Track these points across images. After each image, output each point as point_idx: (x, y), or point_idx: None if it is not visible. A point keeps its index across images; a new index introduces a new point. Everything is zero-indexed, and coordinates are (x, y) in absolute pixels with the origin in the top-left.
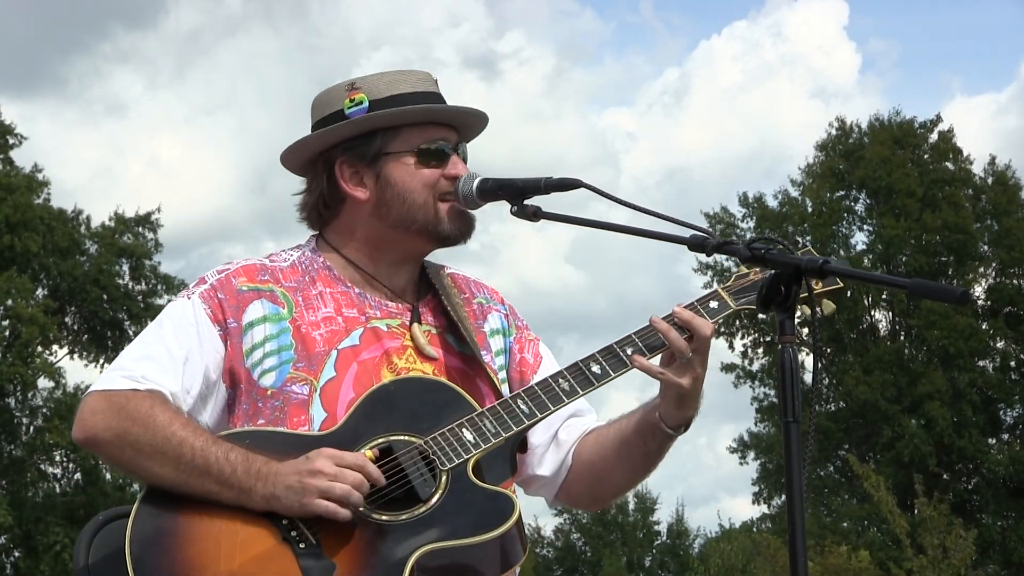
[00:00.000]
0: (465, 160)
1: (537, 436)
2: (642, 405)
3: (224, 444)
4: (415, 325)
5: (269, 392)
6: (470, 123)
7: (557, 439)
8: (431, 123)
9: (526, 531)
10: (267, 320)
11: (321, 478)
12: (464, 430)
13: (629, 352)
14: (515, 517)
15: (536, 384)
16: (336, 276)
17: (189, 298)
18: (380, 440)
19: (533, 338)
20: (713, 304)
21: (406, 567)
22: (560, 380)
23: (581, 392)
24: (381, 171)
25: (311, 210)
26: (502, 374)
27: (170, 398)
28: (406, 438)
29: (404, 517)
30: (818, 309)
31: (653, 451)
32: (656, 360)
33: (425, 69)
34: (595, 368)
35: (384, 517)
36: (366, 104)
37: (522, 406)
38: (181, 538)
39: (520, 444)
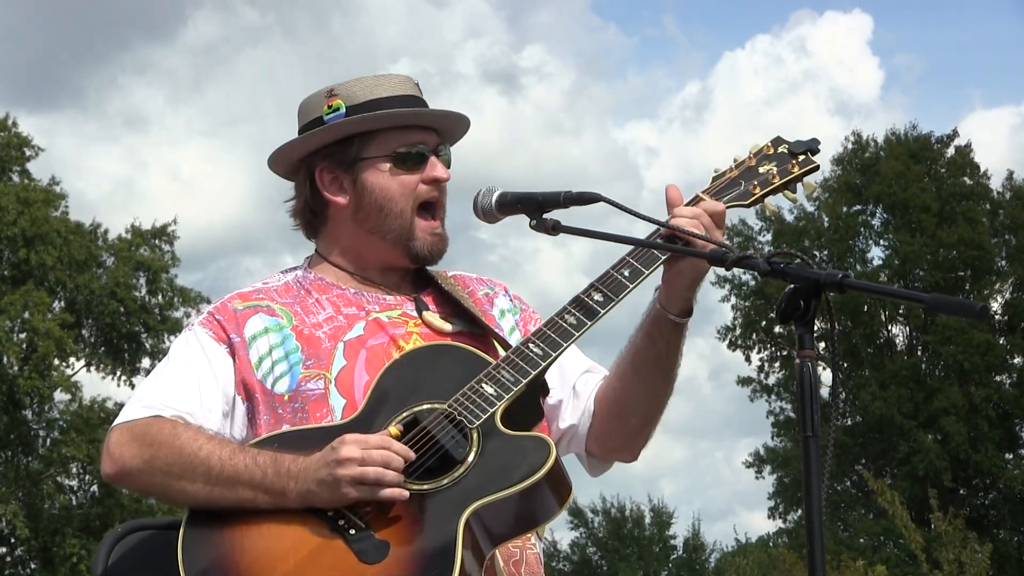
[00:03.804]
0: (448, 163)
1: (555, 394)
2: (644, 314)
3: (251, 450)
4: (424, 312)
5: (286, 397)
6: (451, 126)
7: (575, 391)
8: (408, 127)
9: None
10: (269, 331)
11: (350, 465)
12: (484, 385)
13: (627, 274)
14: (554, 455)
15: (544, 324)
16: (329, 283)
17: (191, 329)
18: (404, 413)
19: (539, 317)
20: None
21: (459, 529)
22: (566, 315)
23: (589, 322)
24: (358, 177)
25: (300, 217)
26: None
27: (191, 419)
28: (429, 406)
29: (446, 482)
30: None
31: (663, 350)
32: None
33: (445, 83)
34: (597, 296)
35: (426, 486)
36: (343, 110)
37: (534, 349)
38: (233, 552)
39: (542, 387)
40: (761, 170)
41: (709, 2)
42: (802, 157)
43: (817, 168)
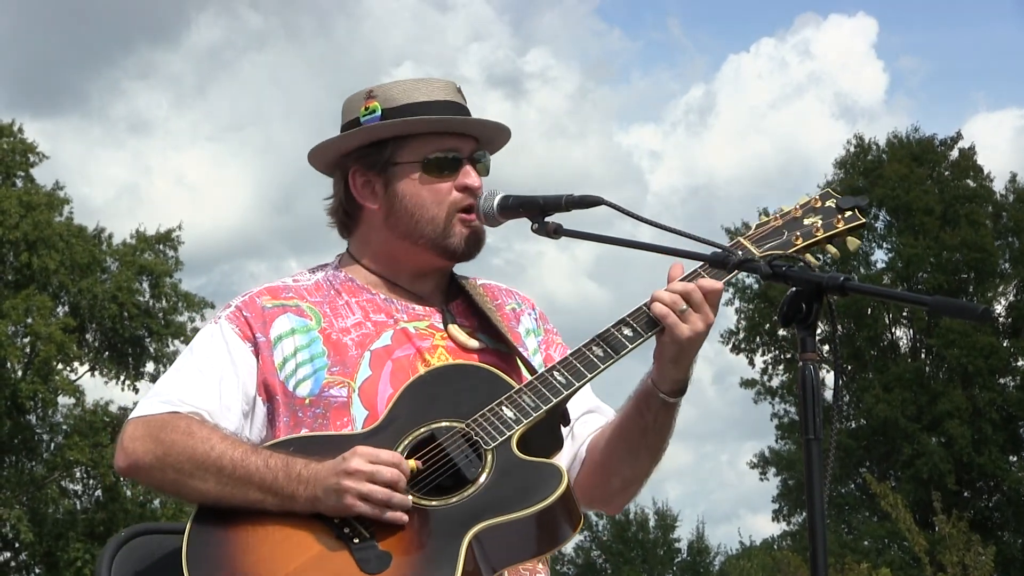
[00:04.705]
0: (485, 171)
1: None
2: (639, 383)
3: (264, 452)
4: (451, 326)
5: (308, 401)
6: (490, 133)
7: (573, 433)
8: (444, 133)
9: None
10: (295, 332)
11: (359, 478)
12: (504, 408)
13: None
14: (565, 483)
15: (570, 354)
16: (360, 286)
17: (217, 322)
18: (422, 430)
19: (560, 342)
20: (739, 254)
21: (462, 548)
22: (593, 347)
23: (615, 356)
24: (390, 182)
25: (335, 216)
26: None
27: (208, 417)
28: (447, 424)
29: (454, 500)
30: (836, 323)
31: (651, 424)
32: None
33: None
34: (626, 331)
35: (435, 503)
36: (379, 113)
37: (558, 377)
38: (237, 551)
39: (563, 416)
40: (806, 222)
41: (713, 5)
42: (848, 213)
43: (864, 226)
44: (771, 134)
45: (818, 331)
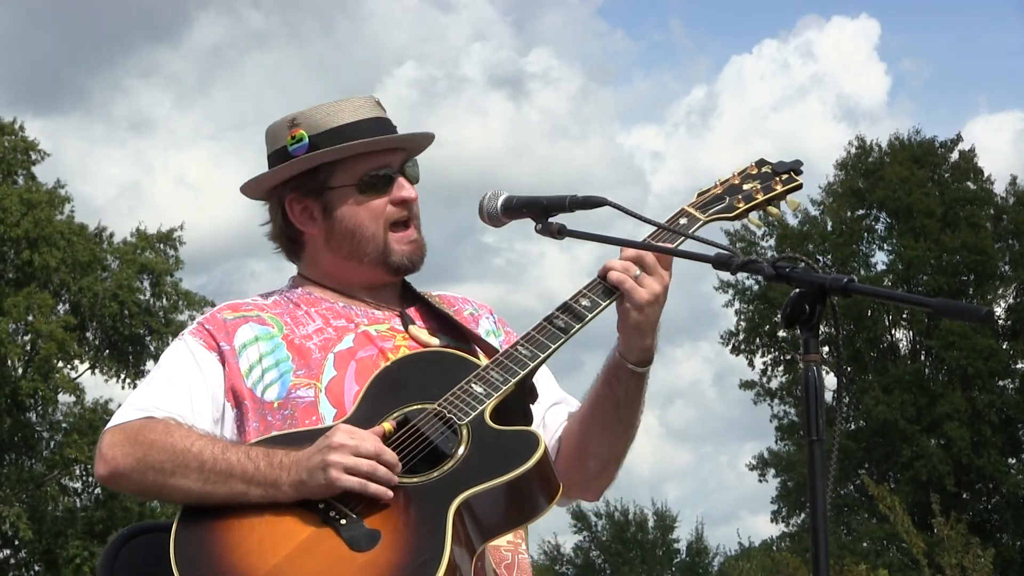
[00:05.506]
0: (416, 177)
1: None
2: (606, 358)
3: (243, 446)
4: (411, 326)
5: (276, 404)
6: (416, 141)
7: (544, 422)
8: (374, 151)
9: (548, 539)
10: (259, 340)
11: (343, 451)
12: (473, 384)
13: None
14: (543, 445)
15: (532, 329)
16: (317, 297)
17: (182, 338)
18: (395, 414)
19: None
20: (683, 221)
21: (449, 516)
22: (554, 320)
23: (576, 326)
24: (327, 206)
25: (278, 241)
26: None
27: (183, 421)
28: (419, 406)
29: (435, 475)
30: (835, 325)
31: (623, 397)
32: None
33: (451, 87)
34: (584, 302)
35: (416, 479)
36: (306, 141)
37: (523, 351)
38: (225, 547)
39: (531, 392)
40: (745, 187)
41: (716, 7)
42: (785, 176)
43: (800, 187)
44: (773, 136)
45: (819, 332)
